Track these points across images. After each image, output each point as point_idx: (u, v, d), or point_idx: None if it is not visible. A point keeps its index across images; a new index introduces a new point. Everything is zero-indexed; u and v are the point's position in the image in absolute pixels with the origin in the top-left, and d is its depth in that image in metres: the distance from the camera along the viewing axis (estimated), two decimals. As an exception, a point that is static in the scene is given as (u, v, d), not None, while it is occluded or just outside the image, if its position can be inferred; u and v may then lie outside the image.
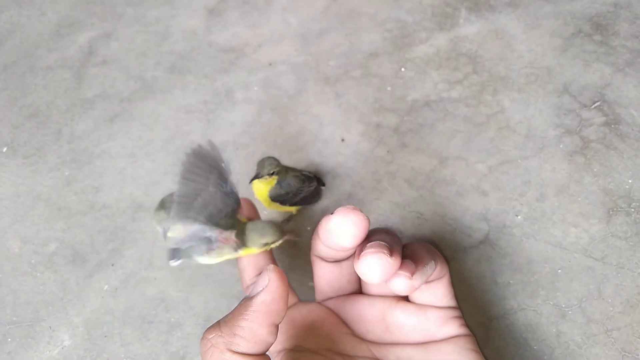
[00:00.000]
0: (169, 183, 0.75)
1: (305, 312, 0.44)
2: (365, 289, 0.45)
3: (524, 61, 0.86)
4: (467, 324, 0.43)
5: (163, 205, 0.60)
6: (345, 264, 0.43)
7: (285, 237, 0.48)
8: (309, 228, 0.70)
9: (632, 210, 0.67)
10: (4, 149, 0.83)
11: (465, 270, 0.64)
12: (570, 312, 0.59)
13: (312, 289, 0.59)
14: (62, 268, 0.69)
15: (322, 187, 0.73)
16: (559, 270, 0.62)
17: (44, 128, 0.85)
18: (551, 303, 0.60)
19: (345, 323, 0.43)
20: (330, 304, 0.45)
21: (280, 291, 0.31)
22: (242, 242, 0.47)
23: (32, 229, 0.73)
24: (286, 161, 0.75)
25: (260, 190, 0.63)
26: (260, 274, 0.33)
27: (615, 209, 0.67)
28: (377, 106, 0.82)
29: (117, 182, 0.76)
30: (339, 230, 0.34)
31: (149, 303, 0.64)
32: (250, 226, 0.48)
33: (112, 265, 0.68)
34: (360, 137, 0.78)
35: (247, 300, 0.32)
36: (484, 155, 0.74)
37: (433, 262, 0.38)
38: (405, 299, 0.43)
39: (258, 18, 0.98)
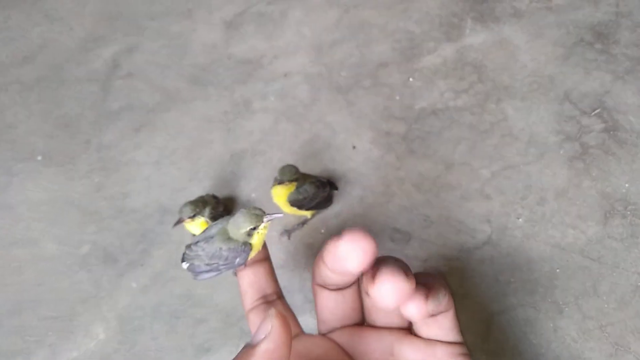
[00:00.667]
0: (194, 189, 0.80)
1: (310, 345, 0.42)
2: (370, 319, 0.41)
3: (527, 70, 0.90)
4: None
5: (191, 203, 0.66)
6: (348, 292, 0.41)
7: (268, 219, 0.49)
8: (322, 231, 0.75)
9: (628, 213, 0.71)
10: (39, 158, 0.89)
11: (469, 270, 0.68)
12: (567, 309, 0.64)
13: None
14: (95, 268, 0.75)
15: (335, 191, 0.78)
16: (557, 270, 0.67)
17: (75, 138, 0.91)
18: (549, 300, 0.64)
19: (351, 357, 0.41)
20: (335, 336, 0.42)
21: (284, 338, 0.30)
22: (247, 244, 0.48)
23: (67, 232, 0.79)
24: (301, 167, 0.80)
25: (279, 196, 0.69)
26: (263, 318, 0.33)
27: (611, 212, 0.71)
28: (387, 114, 0.86)
29: (144, 189, 0.82)
30: (347, 256, 0.34)
31: (176, 300, 0.70)
32: (228, 225, 0.50)
33: (142, 265, 0.74)
34: (370, 144, 0.83)
35: (249, 348, 0.31)
36: (488, 161, 0.79)
37: (444, 290, 0.37)
38: (413, 333, 0.42)
39: (274, 30, 1.04)
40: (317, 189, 0.72)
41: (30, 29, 1.13)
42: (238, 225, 0.49)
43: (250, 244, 0.49)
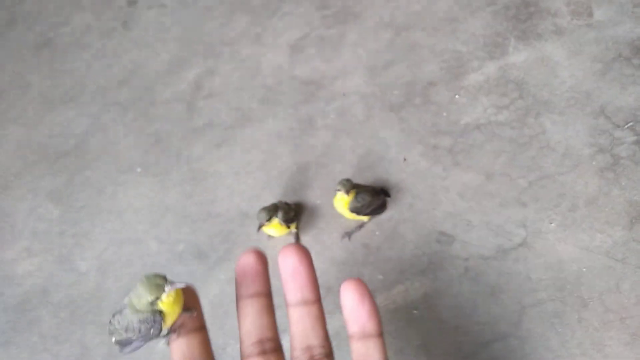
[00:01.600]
0: (267, 196, 0.95)
1: None
2: None
3: (565, 86, 0.98)
4: None
5: (265, 209, 0.80)
6: None
7: (169, 289, 0.41)
8: (377, 233, 0.87)
9: (653, 219, 0.79)
10: (138, 169, 1.07)
11: (505, 268, 0.79)
12: (591, 303, 0.73)
13: (382, 281, 0.78)
14: (190, 263, 0.91)
15: (388, 198, 0.90)
16: (584, 269, 0.76)
17: (167, 152, 1.08)
18: (575, 295, 0.74)
19: None
20: None
21: None
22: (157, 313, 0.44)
23: (165, 232, 0.96)
24: (357, 178, 0.94)
25: (341, 204, 0.82)
26: None
27: (637, 218, 0.79)
28: (435, 130, 0.98)
29: (227, 196, 0.98)
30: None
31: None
32: (131, 296, 0.42)
33: (228, 260, 0.89)
34: (419, 156, 0.95)
35: None
36: (525, 171, 0.89)
37: (383, 342, 0.34)
38: None
39: (333, 53, 1.17)
40: (372, 197, 0.84)
41: (123, 55, 1.31)
42: (139, 295, 0.42)
43: (160, 312, 0.42)
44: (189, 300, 0.42)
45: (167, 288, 0.41)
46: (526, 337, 0.72)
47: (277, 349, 0.37)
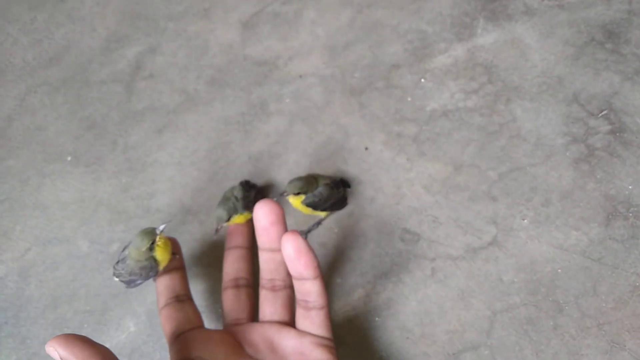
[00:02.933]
0: (214, 189, 0.85)
1: (206, 337, 0.53)
2: (262, 316, 0.55)
3: (537, 70, 0.92)
4: (337, 356, 0.52)
5: (223, 206, 0.70)
6: (243, 292, 0.57)
7: (159, 230, 0.59)
8: (336, 230, 0.79)
9: (630, 214, 0.73)
10: (68, 158, 0.94)
11: (474, 269, 0.72)
12: (567, 307, 0.67)
13: (340, 285, 0.70)
14: (125, 265, 0.80)
15: (348, 189, 0.82)
16: (559, 270, 0.70)
17: (101, 139, 0.96)
18: (550, 299, 0.68)
19: (241, 345, 0.52)
20: (231, 330, 0.55)
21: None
22: (154, 260, 0.59)
23: (97, 230, 0.85)
24: (315, 169, 0.85)
25: (295, 201, 0.73)
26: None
27: (614, 214, 0.74)
28: (398, 116, 0.90)
29: (168, 189, 0.87)
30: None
31: (199, 295, 0.75)
32: (130, 251, 0.61)
33: (167, 263, 0.79)
34: (382, 145, 0.87)
35: None
36: (495, 162, 0.82)
37: (322, 287, 0.48)
38: (291, 325, 0.53)
39: (288, 31, 1.06)
40: (331, 190, 0.76)
41: (54, 30, 1.17)
42: (137, 246, 0.58)
43: (156, 260, 0.59)
44: (174, 247, 0.63)
45: (157, 231, 0.58)
46: (498, 347, 0.66)
47: (249, 285, 0.59)
